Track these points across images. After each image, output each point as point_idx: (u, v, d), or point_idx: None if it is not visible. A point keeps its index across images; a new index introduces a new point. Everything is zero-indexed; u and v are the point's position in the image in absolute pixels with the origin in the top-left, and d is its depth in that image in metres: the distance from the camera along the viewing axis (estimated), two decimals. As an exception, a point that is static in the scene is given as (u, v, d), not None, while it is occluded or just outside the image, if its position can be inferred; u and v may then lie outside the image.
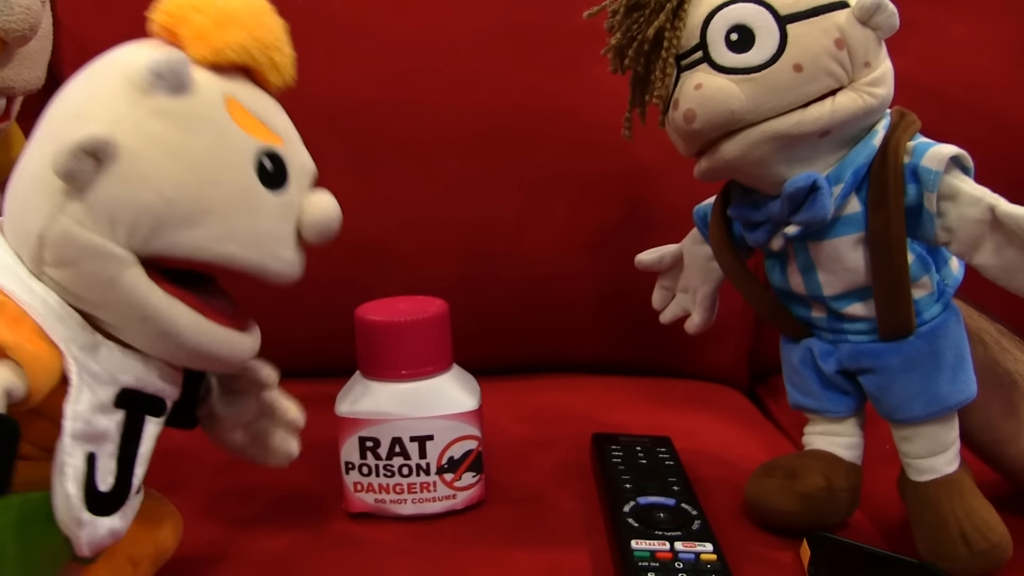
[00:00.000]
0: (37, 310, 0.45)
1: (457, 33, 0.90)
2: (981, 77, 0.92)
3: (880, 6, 0.55)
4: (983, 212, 0.53)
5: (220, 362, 0.51)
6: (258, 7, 0.52)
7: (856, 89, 0.55)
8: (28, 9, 0.62)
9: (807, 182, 0.55)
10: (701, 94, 0.55)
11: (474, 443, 0.62)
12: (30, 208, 0.46)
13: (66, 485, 0.45)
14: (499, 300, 0.89)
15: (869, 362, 0.59)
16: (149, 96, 0.46)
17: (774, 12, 0.55)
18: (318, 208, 0.52)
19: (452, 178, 0.89)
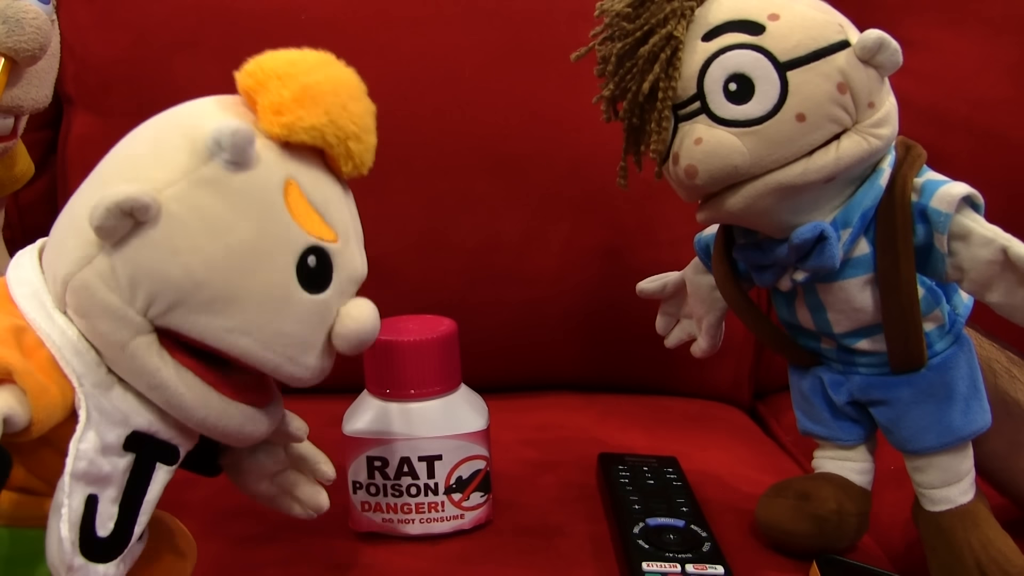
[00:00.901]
0: (55, 341, 0.44)
1: (461, 52, 0.90)
2: (983, 97, 0.92)
3: (882, 44, 0.53)
4: (995, 253, 0.52)
5: (229, 438, 0.49)
6: (346, 88, 0.49)
7: (860, 132, 0.53)
8: (39, 29, 0.62)
9: (814, 233, 0.54)
10: (702, 149, 0.53)
11: (482, 463, 0.62)
12: (63, 249, 0.45)
13: (60, 526, 0.43)
14: (502, 319, 0.90)
15: (880, 394, 0.59)
16: (205, 163, 0.44)
17: (773, 59, 0.53)
18: (355, 321, 0.48)
19: (456, 197, 0.89)
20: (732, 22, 0.54)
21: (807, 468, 0.76)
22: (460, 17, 0.90)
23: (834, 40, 0.53)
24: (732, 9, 0.55)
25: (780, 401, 0.95)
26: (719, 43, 0.54)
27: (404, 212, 0.89)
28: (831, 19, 0.54)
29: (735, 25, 0.54)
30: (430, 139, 0.89)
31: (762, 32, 0.53)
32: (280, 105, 0.46)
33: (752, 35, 0.53)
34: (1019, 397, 0.62)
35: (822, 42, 0.53)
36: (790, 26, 0.53)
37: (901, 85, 0.82)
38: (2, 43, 0.62)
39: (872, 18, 0.93)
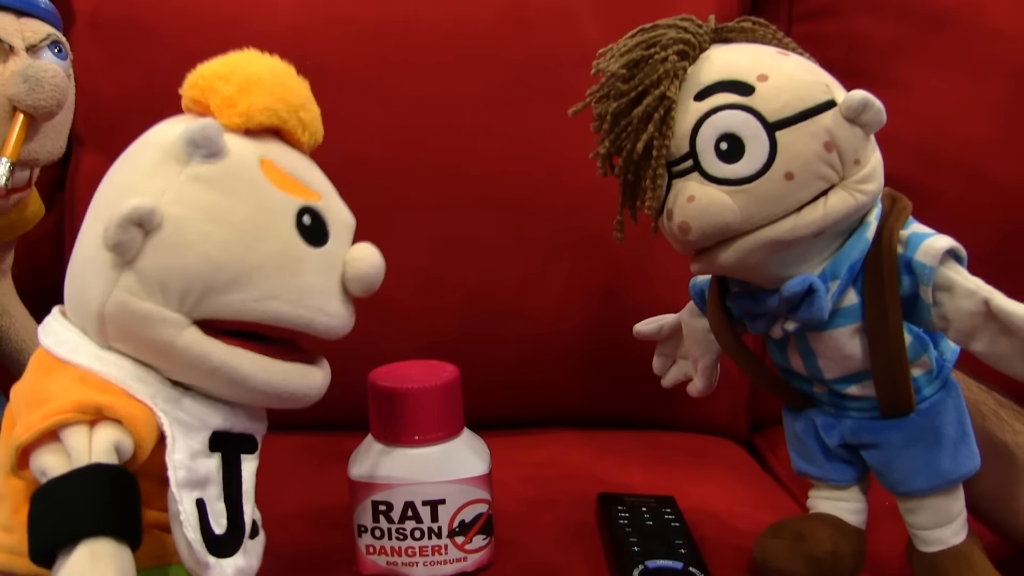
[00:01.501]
0: (115, 376, 0.48)
1: (463, 98, 0.91)
2: (969, 136, 0.94)
3: (867, 104, 0.54)
4: (978, 305, 0.54)
5: (295, 396, 0.52)
6: (281, 70, 0.54)
7: (847, 188, 0.55)
8: (57, 87, 0.64)
9: (803, 286, 0.55)
10: (695, 207, 0.55)
11: (484, 506, 0.64)
12: (88, 287, 0.48)
13: (186, 532, 0.46)
14: (503, 357, 0.91)
15: (871, 438, 0.60)
16: (187, 165, 0.48)
17: (762, 120, 0.54)
18: (361, 261, 0.53)
19: (456, 238, 0.91)
20: (723, 82, 0.56)
21: (803, 503, 0.77)
22: (462, 63, 0.92)
23: (821, 100, 0.55)
24: (723, 69, 0.56)
25: (776, 435, 0.96)
26: (710, 103, 0.55)
27: (407, 253, 0.90)
28: (818, 79, 0.56)
29: (726, 85, 0.55)
30: (432, 182, 0.91)
31: (752, 93, 0.55)
32: (231, 98, 0.51)
33: (742, 95, 0.55)
34: (1007, 439, 0.63)
35: (809, 102, 0.54)
36: (778, 87, 0.55)
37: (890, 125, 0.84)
38: (22, 101, 0.64)
39: (861, 60, 0.96)
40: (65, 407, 0.44)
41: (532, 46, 0.92)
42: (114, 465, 0.44)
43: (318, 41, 0.91)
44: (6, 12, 0.67)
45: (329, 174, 0.59)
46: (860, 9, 0.97)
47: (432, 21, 0.92)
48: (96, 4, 0.94)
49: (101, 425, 0.45)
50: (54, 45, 0.69)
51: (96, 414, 0.45)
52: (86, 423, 0.45)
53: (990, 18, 0.94)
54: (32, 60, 0.66)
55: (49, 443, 0.45)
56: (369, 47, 0.92)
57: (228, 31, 0.91)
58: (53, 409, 0.44)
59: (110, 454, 0.44)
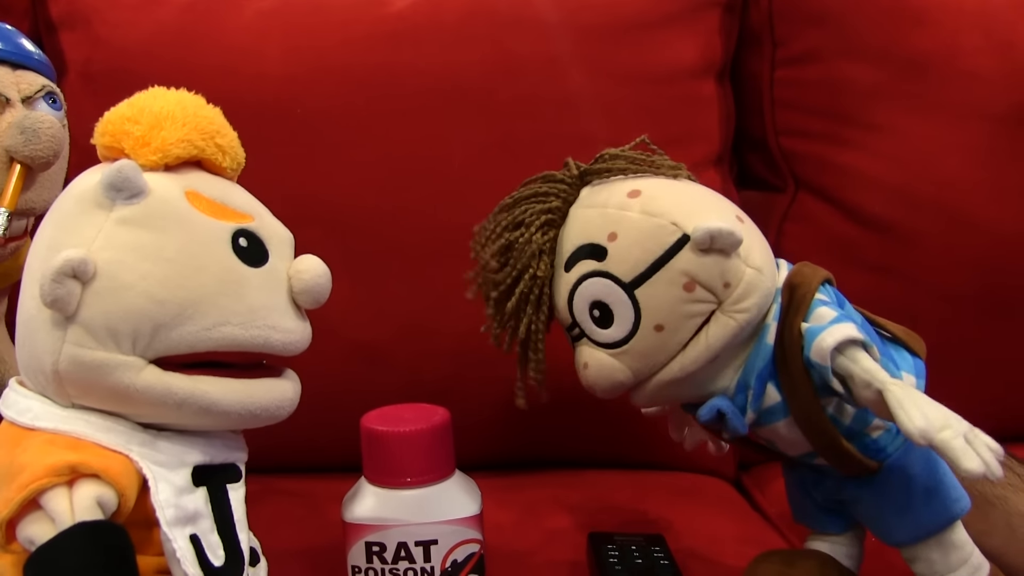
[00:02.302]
0: (83, 432, 0.48)
1: (450, 142, 0.93)
2: (949, 178, 0.95)
3: (714, 235, 0.54)
4: (875, 394, 0.53)
5: (268, 411, 0.53)
6: (189, 101, 0.54)
7: (726, 312, 0.55)
8: (53, 138, 0.65)
9: (712, 413, 0.57)
10: (591, 373, 0.59)
11: (476, 546, 0.64)
12: (37, 350, 0.49)
13: (186, 569, 0.47)
14: (492, 399, 0.91)
15: (849, 495, 0.61)
16: (111, 211, 0.49)
17: (619, 282, 0.56)
18: (306, 272, 0.53)
19: (445, 282, 0.90)
20: (582, 247, 0.58)
21: (792, 540, 0.79)
22: (449, 108, 0.93)
23: (669, 243, 0.55)
24: (580, 232, 0.59)
25: (764, 473, 0.96)
26: (576, 272, 0.58)
27: (395, 298, 0.91)
28: (663, 221, 0.56)
29: (584, 251, 0.58)
30: (421, 226, 0.91)
31: (605, 256, 0.57)
32: (143, 138, 0.51)
33: (598, 261, 0.57)
34: (984, 490, 0.64)
35: (657, 252, 0.56)
36: (628, 243, 0.56)
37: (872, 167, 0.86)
38: (19, 152, 0.65)
39: (844, 104, 0.98)
40: (39, 474, 0.45)
41: (518, 93, 0.93)
42: (99, 520, 0.44)
43: (307, 89, 0.92)
44: (2, 65, 0.68)
45: (317, 220, 0.60)
46: (842, 54, 0.99)
47: (419, 69, 0.94)
48: (88, 54, 0.96)
49: (79, 483, 0.45)
50: (49, 96, 0.70)
51: (72, 473, 0.45)
52: (64, 485, 0.45)
53: (969, 62, 0.96)
54: (28, 111, 0.67)
55: (32, 512, 0.45)
56: (357, 95, 0.93)
57: (219, 81, 0.92)
58: (27, 478, 0.44)
59: (93, 510, 0.44)
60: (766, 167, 1.07)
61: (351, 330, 0.90)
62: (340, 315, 0.90)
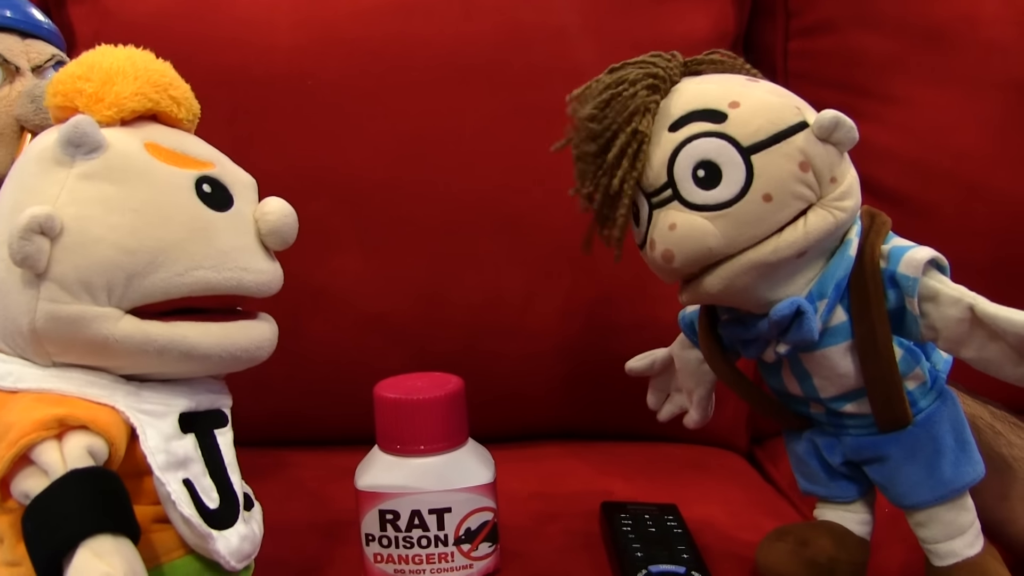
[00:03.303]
0: (67, 388, 0.48)
1: (462, 114, 0.92)
2: (965, 150, 0.95)
3: (838, 123, 0.55)
4: (963, 311, 0.54)
5: (248, 352, 0.53)
6: (139, 56, 0.54)
7: (825, 206, 0.55)
8: None
9: (791, 309, 0.55)
10: (677, 234, 0.55)
11: (490, 514, 0.64)
12: (11, 311, 0.49)
13: (181, 511, 0.47)
14: (505, 372, 0.91)
15: (871, 453, 0.60)
16: (71, 167, 0.49)
17: (737, 145, 0.55)
18: (271, 214, 0.54)
19: (456, 254, 0.91)
20: (696, 112, 0.56)
21: (804, 512, 0.78)
22: (461, 80, 0.92)
23: (793, 122, 0.55)
24: (695, 99, 0.57)
25: (777, 446, 0.96)
26: (685, 132, 0.56)
27: (407, 270, 0.91)
28: (788, 102, 0.57)
29: (699, 115, 0.56)
30: (433, 199, 0.91)
31: (724, 120, 0.55)
32: (96, 94, 0.51)
33: (715, 123, 0.55)
34: (1003, 451, 0.64)
35: (781, 125, 0.55)
36: (751, 112, 0.55)
37: (886, 139, 0.85)
38: (30, 120, 0.65)
39: (858, 75, 0.97)
40: (27, 429, 0.45)
41: (529, 64, 0.93)
42: (92, 467, 0.45)
43: (318, 61, 0.92)
44: (11, 33, 0.68)
45: (328, 192, 0.59)
46: (857, 24, 0.98)
47: (429, 40, 0.93)
48: (97, 27, 0.95)
49: (68, 435, 0.45)
50: (58, 65, 0.70)
51: (60, 426, 0.45)
52: (53, 438, 0.45)
53: (986, 32, 0.95)
54: (38, 80, 0.67)
55: (24, 468, 0.45)
56: (368, 66, 0.92)
57: (229, 53, 0.92)
58: (15, 435, 0.45)
59: (84, 459, 0.45)
60: (780, 139, 1.06)
61: (363, 302, 0.90)
62: (352, 287, 0.90)
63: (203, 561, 0.50)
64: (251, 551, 0.52)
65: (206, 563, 0.51)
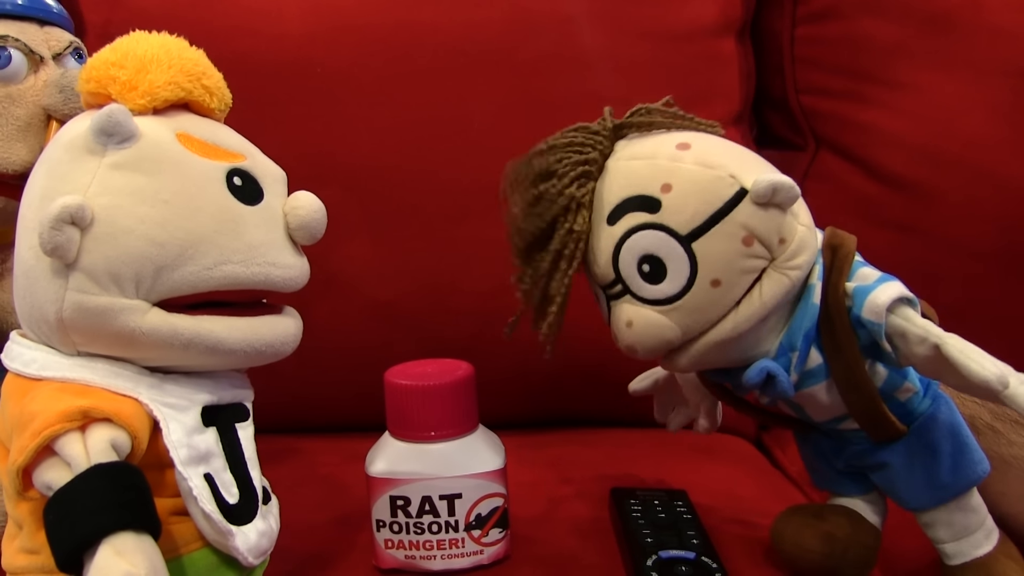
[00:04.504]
0: (91, 379, 0.48)
1: (471, 101, 0.93)
2: (973, 135, 0.95)
3: (775, 188, 0.52)
4: (930, 349, 0.53)
5: (273, 347, 0.53)
6: (173, 44, 0.54)
7: (779, 269, 0.54)
8: None
9: (760, 377, 0.55)
10: (635, 332, 0.56)
11: (500, 500, 0.64)
12: (39, 299, 0.49)
13: (202, 507, 0.48)
14: (514, 358, 0.91)
15: (872, 460, 0.61)
16: (103, 156, 0.49)
17: (675, 235, 0.53)
18: (301, 208, 0.53)
19: (467, 241, 0.91)
20: (630, 199, 0.55)
21: (813, 497, 0.79)
22: (468, 66, 0.93)
23: (728, 196, 0.53)
24: (627, 184, 0.56)
25: (785, 432, 0.96)
26: (623, 225, 0.55)
27: (416, 258, 0.91)
28: (721, 173, 0.54)
29: (634, 203, 0.55)
30: (442, 186, 0.92)
31: (659, 208, 0.54)
32: (130, 82, 0.51)
33: (650, 213, 0.54)
34: (1002, 451, 0.64)
35: (717, 203, 0.53)
36: (683, 195, 0.54)
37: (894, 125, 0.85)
38: (58, 110, 0.65)
39: (866, 61, 0.97)
40: (51, 420, 0.45)
41: (537, 51, 0.93)
42: (115, 462, 0.45)
43: (327, 48, 0.92)
44: (29, 22, 0.68)
45: (337, 179, 0.60)
46: (864, 10, 0.98)
47: (438, 27, 0.94)
48: (107, 16, 0.95)
49: (92, 427, 0.45)
50: (75, 52, 0.70)
51: (83, 418, 0.45)
52: (76, 430, 0.45)
53: (993, 17, 0.95)
54: (64, 70, 0.67)
55: (47, 459, 0.45)
56: (377, 53, 0.93)
57: (238, 40, 0.92)
58: (40, 425, 0.45)
59: (108, 453, 0.45)
60: (787, 126, 1.06)
61: (372, 290, 0.91)
62: (361, 275, 0.91)
63: (220, 555, 0.51)
64: (268, 547, 0.52)
65: (222, 556, 0.51)
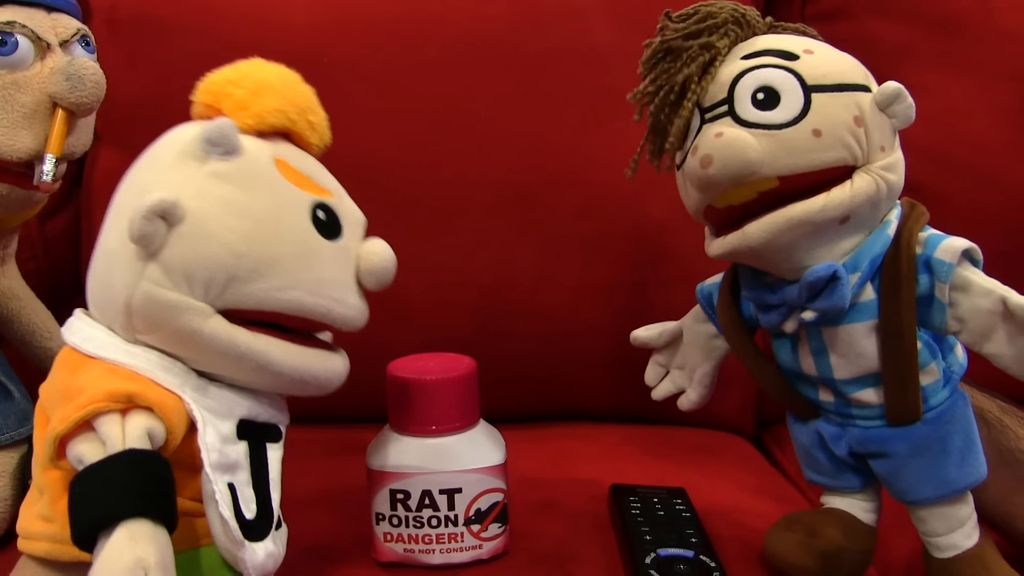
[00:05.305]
0: (143, 367, 0.49)
1: (477, 94, 0.92)
2: (979, 139, 0.94)
3: (900, 95, 0.57)
4: (995, 303, 0.54)
5: (319, 381, 0.55)
6: (289, 76, 0.57)
7: (871, 172, 0.56)
8: (97, 84, 0.66)
9: (827, 272, 0.56)
10: (720, 141, 0.56)
11: (500, 495, 0.64)
12: (113, 282, 0.50)
13: (221, 511, 0.48)
14: (516, 353, 0.92)
15: (877, 447, 0.60)
16: (205, 163, 0.51)
17: (802, 80, 0.56)
18: (375, 255, 0.56)
19: (471, 235, 0.91)
20: (771, 50, 0.58)
21: (811, 496, 0.79)
22: (476, 60, 0.93)
23: (858, 82, 0.58)
24: (773, 41, 0.59)
25: (784, 431, 0.96)
26: (756, 62, 0.58)
27: (421, 250, 0.91)
28: (859, 67, 0.59)
29: (773, 52, 0.58)
30: (447, 179, 0.92)
31: (796, 59, 0.57)
32: (243, 101, 0.54)
33: (787, 60, 0.57)
34: (1011, 445, 0.64)
35: (848, 79, 0.57)
36: (822, 60, 0.58)
37: (901, 127, 0.84)
38: (65, 98, 0.65)
39: (874, 62, 0.96)
40: (97, 397, 0.46)
41: (545, 45, 0.93)
42: (148, 450, 0.46)
43: (334, 38, 0.92)
44: (37, 8, 0.68)
45: (343, 170, 0.60)
46: (872, 11, 0.98)
47: (446, 19, 0.93)
48: (113, 1, 0.95)
49: (133, 413, 0.47)
50: (82, 39, 0.70)
51: (128, 402, 0.47)
52: (118, 411, 0.46)
53: (1001, 21, 0.95)
54: (71, 58, 0.67)
55: (84, 433, 0.46)
56: (384, 44, 0.93)
57: (245, 28, 0.92)
58: (86, 400, 0.46)
59: (143, 440, 0.46)
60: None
61: (376, 282, 0.90)
62: (364, 266, 0.90)
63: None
64: (272, 570, 0.52)
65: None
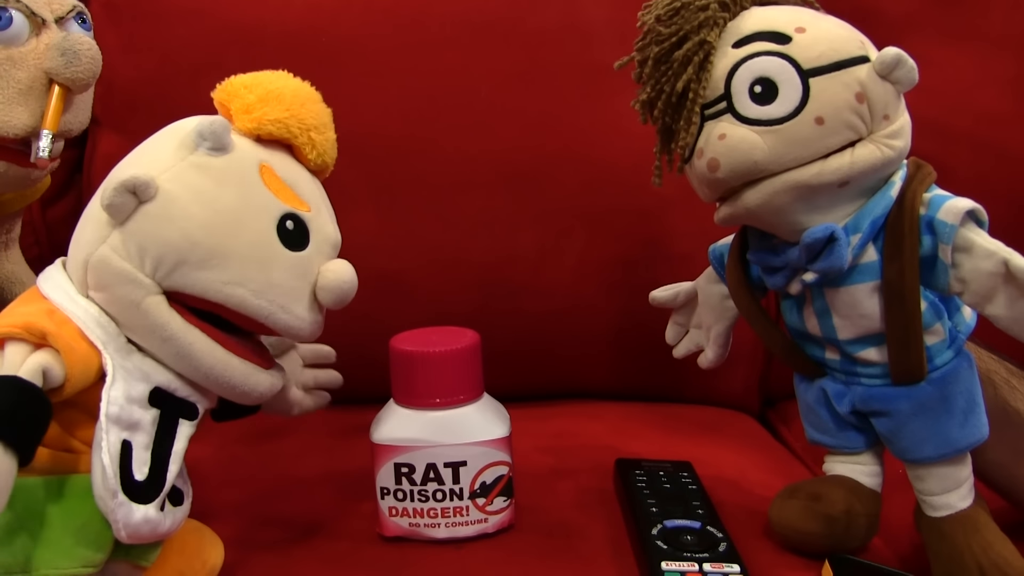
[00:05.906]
0: (80, 317, 0.52)
1: (477, 72, 0.92)
2: (984, 110, 0.94)
3: (900, 61, 0.56)
4: (997, 265, 0.54)
5: (235, 390, 0.55)
6: (304, 91, 0.59)
7: (875, 141, 0.56)
8: (93, 60, 0.66)
9: (825, 233, 0.56)
10: (725, 144, 0.56)
11: (505, 469, 0.64)
12: (82, 239, 0.54)
13: (103, 458, 0.49)
14: (519, 330, 0.91)
15: (880, 405, 0.60)
16: (192, 153, 0.53)
17: (797, 66, 0.55)
18: (335, 273, 0.56)
19: (473, 213, 0.91)
20: (761, 32, 0.58)
21: (817, 472, 0.78)
22: (476, 37, 0.92)
23: (855, 54, 0.57)
24: (762, 21, 0.58)
25: (789, 408, 0.96)
26: (748, 50, 0.57)
27: (423, 228, 0.91)
28: (853, 36, 0.58)
29: (764, 35, 0.57)
30: (447, 156, 0.91)
31: (788, 42, 0.56)
32: (249, 105, 0.57)
33: (779, 44, 0.57)
34: (1019, 407, 0.63)
35: (844, 55, 0.56)
36: (815, 38, 0.57)
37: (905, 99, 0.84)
38: (60, 74, 0.65)
39: (876, 34, 0.96)
40: (16, 324, 0.49)
41: (543, 23, 0.93)
42: (32, 384, 0.47)
43: (333, 17, 0.92)
44: (32, -15, 0.67)
45: (343, 149, 0.60)
46: (874, -19, 0.97)
47: (445, -3, 0.93)
48: (113, -19, 0.95)
49: (41, 350, 0.49)
50: (79, 16, 0.69)
51: (41, 339, 0.49)
52: (30, 344, 0.49)
53: (1006, -10, 0.94)
54: (66, 33, 0.66)
55: None
56: (383, 23, 0.92)
57: (244, 9, 0.92)
58: (7, 323, 0.49)
59: (36, 375, 0.48)
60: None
61: (377, 260, 0.90)
62: (366, 245, 0.90)
63: None
64: (147, 536, 0.51)
65: None
